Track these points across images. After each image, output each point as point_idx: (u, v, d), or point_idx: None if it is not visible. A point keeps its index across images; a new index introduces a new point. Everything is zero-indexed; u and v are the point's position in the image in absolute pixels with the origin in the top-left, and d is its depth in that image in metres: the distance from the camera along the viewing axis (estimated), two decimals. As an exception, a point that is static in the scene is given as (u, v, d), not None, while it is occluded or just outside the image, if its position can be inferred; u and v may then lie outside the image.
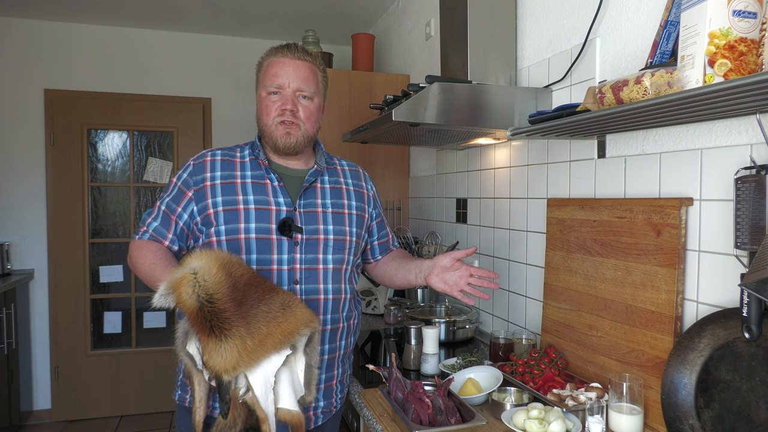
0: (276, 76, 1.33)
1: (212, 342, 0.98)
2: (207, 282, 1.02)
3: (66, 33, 3.59)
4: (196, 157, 1.39)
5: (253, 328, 1.00)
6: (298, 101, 1.35)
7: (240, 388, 1.04)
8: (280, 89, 1.34)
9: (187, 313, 1.01)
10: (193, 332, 1.04)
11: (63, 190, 3.61)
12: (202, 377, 1.09)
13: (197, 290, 1.00)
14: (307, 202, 1.37)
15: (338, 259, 1.38)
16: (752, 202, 1.00)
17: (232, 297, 1.02)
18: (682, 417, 1.10)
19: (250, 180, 1.35)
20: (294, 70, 1.34)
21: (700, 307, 1.18)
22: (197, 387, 1.11)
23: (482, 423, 1.19)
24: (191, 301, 1.00)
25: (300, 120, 1.35)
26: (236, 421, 1.07)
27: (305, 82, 1.35)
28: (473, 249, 1.37)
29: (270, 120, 1.34)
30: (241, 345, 0.98)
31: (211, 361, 0.98)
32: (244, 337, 0.99)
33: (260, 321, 1.02)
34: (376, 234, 1.56)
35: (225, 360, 0.97)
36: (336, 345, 1.39)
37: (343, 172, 1.49)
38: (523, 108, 1.65)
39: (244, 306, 1.03)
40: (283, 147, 1.35)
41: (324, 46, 3.75)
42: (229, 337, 0.98)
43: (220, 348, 0.97)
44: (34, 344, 3.59)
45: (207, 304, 0.99)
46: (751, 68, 0.87)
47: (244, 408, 1.06)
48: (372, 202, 1.53)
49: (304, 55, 1.36)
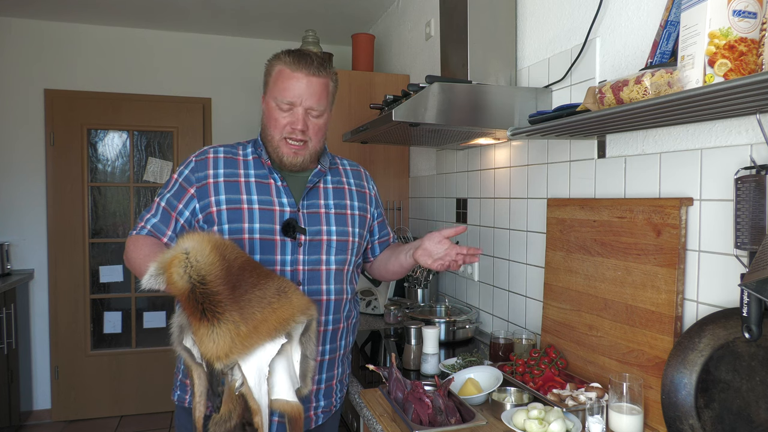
0: (287, 91, 1.29)
1: (204, 327, 0.94)
2: (199, 263, 0.97)
3: (66, 33, 3.59)
4: (197, 154, 1.36)
5: (247, 313, 0.96)
6: (308, 119, 1.32)
7: (236, 379, 1.00)
8: (291, 106, 1.30)
9: (178, 295, 0.97)
10: (188, 325, 1.00)
11: (63, 190, 3.61)
12: (202, 371, 1.05)
13: (189, 271, 0.96)
14: (310, 202, 1.37)
15: (341, 259, 1.38)
16: (752, 202, 1.00)
17: (226, 280, 0.98)
18: (682, 417, 1.10)
19: (254, 179, 1.34)
20: (307, 87, 1.29)
21: (700, 307, 1.18)
22: (197, 381, 1.07)
23: (482, 423, 1.18)
24: (182, 282, 0.96)
25: (308, 137, 1.33)
26: (231, 415, 1.03)
27: (317, 100, 1.31)
28: (463, 227, 1.36)
29: (277, 134, 1.32)
30: (235, 330, 0.94)
31: (202, 347, 0.94)
32: (238, 322, 0.95)
33: (254, 306, 0.98)
34: (377, 233, 1.56)
35: (217, 346, 0.93)
36: (336, 345, 1.39)
37: (345, 172, 1.49)
38: (523, 108, 1.65)
39: (237, 290, 0.98)
40: (289, 165, 1.34)
41: (324, 46, 3.75)
42: (221, 321, 0.94)
43: (212, 333, 0.93)
44: (34, 344, 3.59)
45: (199, 286, 0.95)
46: (751, 68, 0.87)
47: (240, 401, 1.03)
48: (374, 202, 1.53)
49: (318, 71, 1.30)
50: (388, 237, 1.60)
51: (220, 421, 1.03)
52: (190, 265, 0.97)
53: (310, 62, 1.30)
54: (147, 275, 0.99)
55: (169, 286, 0.98)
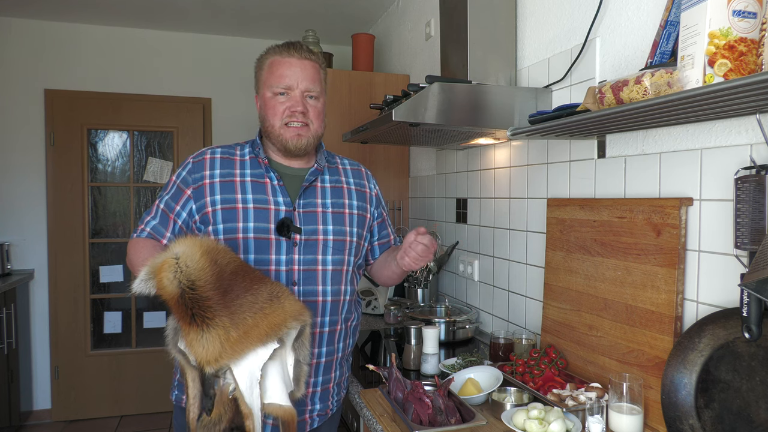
0: (283, 77, 1.31)
1: (193, 331, 0.94)
2: (189, 268, 0.97)
3: (66, 33, 3.59)
4: (195, 155, 1.37)
5: (238, 318, 0.96)
6: (307, 102, 1.34)
7: (229, 383, 1.00)
8: (289, 90, 1.32)
9: (168, 300, 0.97)
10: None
11: (63, 190, 3.61)
12: (196, 374, 1.06)
13: (178, 276, 0.96)
14: (306, 201, 1.36)
15: (338, 260, 1.37)
16: (752, 202, 1.00)
17: (216, 285, 0.98)
18: (682, 417, 1.10)
19: (249, 178, 1.34)
20: (302, 70, 1.32)
21: (700, 307, 1.18)
22: (191, 384, 1.07)
23: (482, 423, 1.18)
24: (172, 287, 0.96)
25: (309, 120, 1.34)
26: (222, 418, 1.03)
27: (313, 82, 1.34)
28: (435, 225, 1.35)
29: (278, 121, 1.33)
30: (224, 335, 0.94)
31: (192, 351, 0.94)
32: (228, 327, 0.95)
33: (246, 311, 0.97)
34: (377, 234, 1.54)
35: (207, 350, 0.93)
36: (334, 348, 1.37)
37: (345, 171, 1.48)
38: (523, 108, 1.65)
39: (228, 295, 0.98)
40: (294, 149, 1.34)
41: (324, 46, 3.75)
42: (211, 326, 0.94)
43: (202, 338, 0.93)
44: (34, 344, 3.59)
45: (188, 291, 0.95)
46: (751, 68, 0.87)
47: (231, 405, 1.03)
48: (374, 201, 1.51)
49: (309, 54, 1.35)
50: (389, 239, 1.57)
51: (210, 424, 1.03)
52: (179, 270, 0.97)
53: (299, 47, 1.35)
54: (138, 280, 1.00)
55: (159, 291, 0.98)
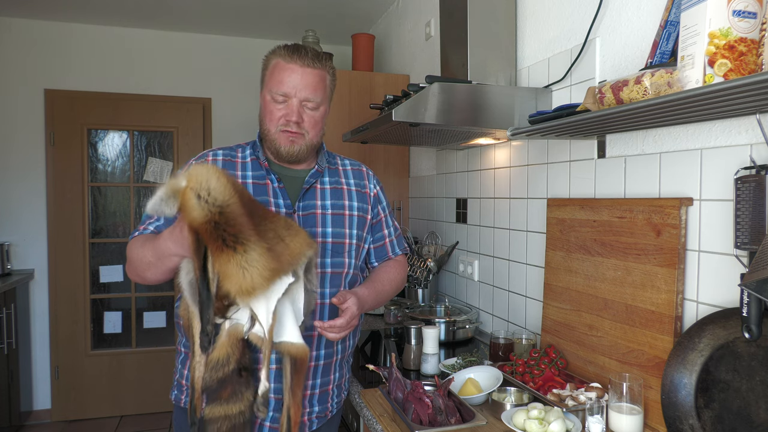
0: (282, 84, 1.28)
1: (227, 256, 0.85)
2: (216, 190, 0.89)
3: (66, 33, 3.59)
4: (197, 158, 1.37)
5: (271, 243, 0.89)
6: (303, 111, 1.31)
7: (240, 324, 0.95)
8: (286, 97, 1.29)
9: (194, 223, 0.88)
10: (190, 263, 0.93)
11: (63, 190, 3.61)
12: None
13: (204, 195, 0.88)
14: (306, 203, 1.35)
15: (337, 262, 1.35)
16: (752, 202, 1.00)
17: (243, 208, 0.90)
18: (682, 417, 1.10)
19: (251, 180, 1.33)
20: (302, 78, 1.28)
21: (700, 307, 1.18)
22: (197, 337, 0.99)
23: (482, 423, 1.19)
24: (200, 208, 0.87)
25: (304, 130, 1.31)
26: (229, 360, 0.98)
27: (313, 91, 1.30)
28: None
29: (273, 126, 1.31)
30: (264, 260, 0.86)
31: (227, 281, 0.86)
32: (263, 253, 0.87)
33: (271, 238, 0.91)
34: (372, 235, 1.47)
35: (246, 276, 0.85)
36: (333, 350, 1.35)
37: (345, 172, 1.46)
38: (523, 108, 1.65)
39: (254, 218, 0.91)
40: (286, 155, 1.32)
41: (324, 46, 3.75)
42: (248, 251, 0.86)
43: (239, 263, 0.85)
44: (34, 344, 3.59)
45: (218, 214, 0.87)
46: (751, 68, 0.87)
47: (239, 346, 0.99)
48: (374, 201, 1.47)
49: (313, 62, 1.30)
50: (384, 241, 1.49)
51: (217, 365, 0.98)
52: (207, 191, 0.89)
53: (304, 54, 1.30)
54: (156, 199, 0.91)
55: (184, 212, 0.90)
